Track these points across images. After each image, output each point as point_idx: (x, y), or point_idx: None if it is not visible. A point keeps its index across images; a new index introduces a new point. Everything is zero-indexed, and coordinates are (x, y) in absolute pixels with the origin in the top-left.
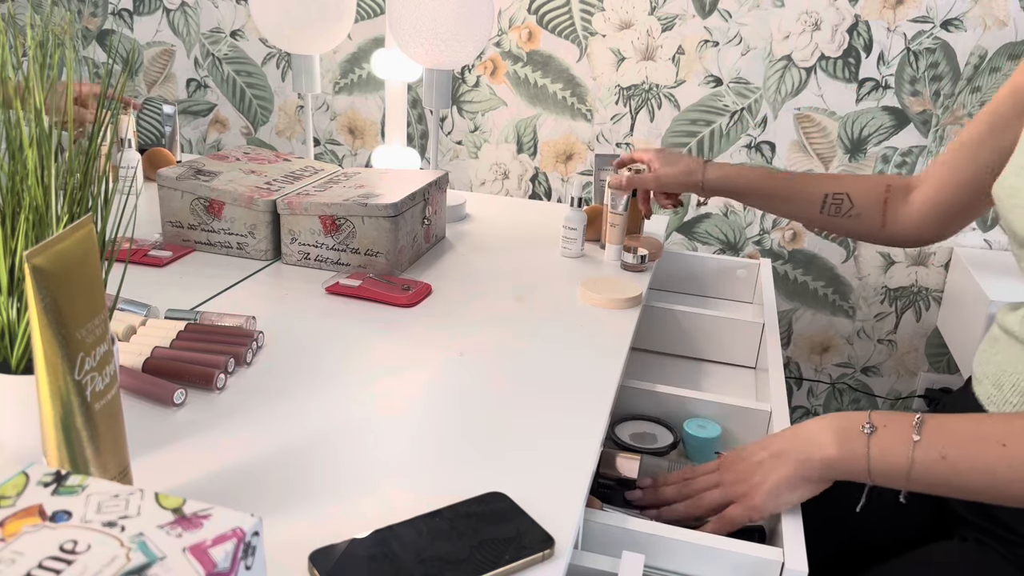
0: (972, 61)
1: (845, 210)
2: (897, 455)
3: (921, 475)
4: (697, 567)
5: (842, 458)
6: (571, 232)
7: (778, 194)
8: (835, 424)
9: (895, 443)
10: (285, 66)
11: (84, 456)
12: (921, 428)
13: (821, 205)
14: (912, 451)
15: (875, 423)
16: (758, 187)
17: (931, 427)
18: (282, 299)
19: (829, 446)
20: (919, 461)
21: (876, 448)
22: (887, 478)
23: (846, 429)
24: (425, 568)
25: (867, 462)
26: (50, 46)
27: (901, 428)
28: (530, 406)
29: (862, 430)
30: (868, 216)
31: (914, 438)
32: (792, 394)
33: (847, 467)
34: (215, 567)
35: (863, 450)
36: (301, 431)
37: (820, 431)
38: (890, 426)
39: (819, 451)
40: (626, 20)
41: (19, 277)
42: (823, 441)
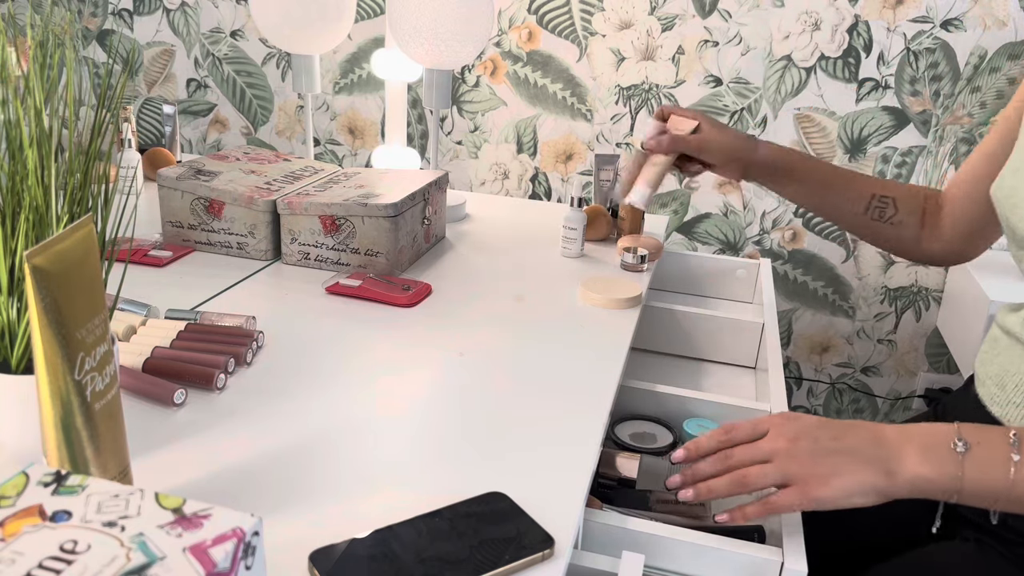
0: (972, 61)
1: (888, 215)
2: (995, 477)
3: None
4: (697, 567)
5: (932, 478)
6: (571, 232)
7: (829, 183)
8: (920, 440)
9: (993, 463)
10: (285, 66)
11: (84, 456)
12: (1020, 446)
13: (867, 205)
14: (1011, 472)
15: (968, 440)
16: (811, 171)
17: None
18: (282, 299)
19: (919, 464)
20: (1020, 483)
21: (971, 469)
22: (979, 499)
23: (935, 446)
24: (425, 568)
25: (959, 482)
26: (50, 46)
27: (998, 447)
28: (530, 406)
29: (953, 448)
30: (909, 226)
31: (1013, 457)
32: (792, 394)
33: (937, 487)
34: (215, 567)
35: (956, 471)
36: (301, 431)
37: (903, 444)
38: (984, 444)
39: (908, 468)
40: (626, 20)
41: (19, 277)
42: (908, 456)
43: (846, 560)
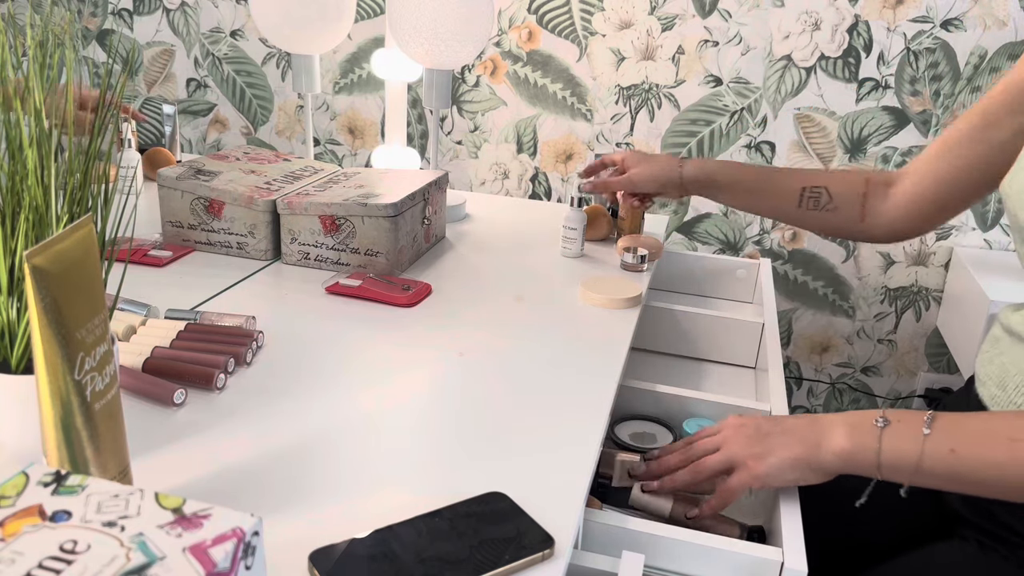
0: (972, 61)
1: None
2: (907, 448)
3: (930, 468)
4: (697, 567)
5: (853, 450)
6: (571, 232)
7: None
8: (849, 419)
9: (906, 437)
10: (285, 66)
11: (84, 456)
12: (932, 423)
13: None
14: (922, 444)
15: (888, 418)
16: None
17: (942, 422)
18: (282, 299)
19: (841, 438)
20: (928, 454)
21: (887, 441)
22: (896, 471)
23: (859, 424)
24: (425, 568)
25: (877, 455)
26: (50, 46)
27: (912, 423)
28: (530, 406)
29: (875, 423)
30: (846, 210)
31: (924, 432)
32: (792, 394)
33: (857, 460)
34: (215, 567)
35: (874, 443)
36: (301, 431)
37: (833, 424)
38: (903, 421)
39: (831, 442)
40: (626, 20)
41: (19, 277)
42: (836, 433)
43: (846, 561)
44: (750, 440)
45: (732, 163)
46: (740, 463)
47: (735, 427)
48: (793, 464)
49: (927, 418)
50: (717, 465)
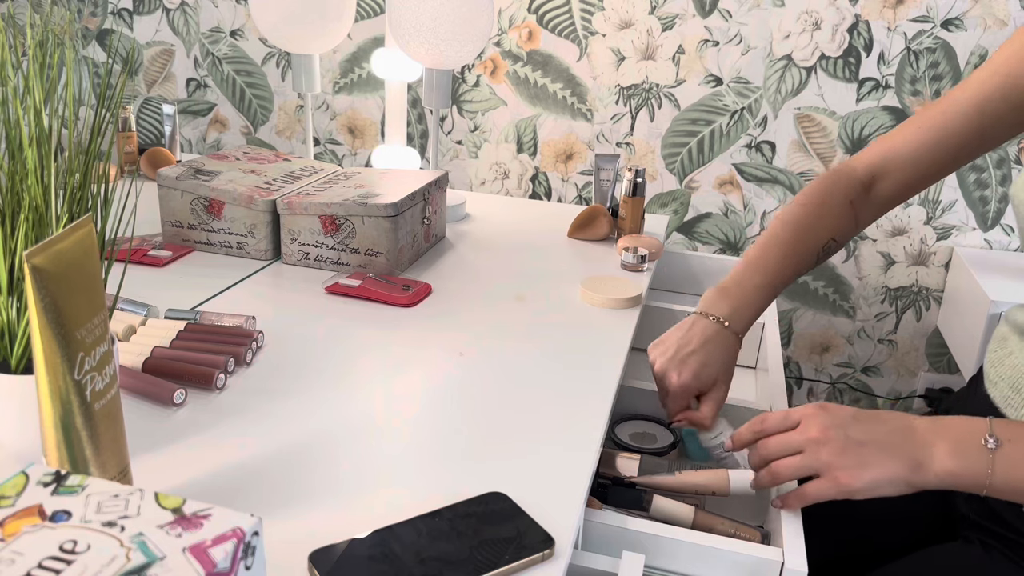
0: (972, 61)
1: (832, 250)
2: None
3: None
4: (697, 567)
5: (961, 473)
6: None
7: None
8: (952, 434)
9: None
10: (285, 66)
11: (84, 456)
12: None
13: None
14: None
15: (999, 436)
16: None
17: None
18: (282, 299)
19: (948, 458)
20: None
21: (1002, 464)
22: (1008, 494)
23: (966, 441)
24: (425, 568)
25: (989, 478)
26: (50, 46)
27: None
28: (530, 406)
29: (984, 444)
30: (847, 238)
31: None
32: (792, 394)
33: (964, 483)
34: (215, 567)
35: (986, 467)
36: (301, 431)
37: (934, 439)
38: (1016, 442)
39: (938, 462)
40: (626, 20)
41: (19, 277)
42: (939, 451)
43: (847, 561)
44: (842, 449)
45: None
46: (829, 473)
47: (821, 428)
48: (891, 482)
49: None
50: (799, 472)
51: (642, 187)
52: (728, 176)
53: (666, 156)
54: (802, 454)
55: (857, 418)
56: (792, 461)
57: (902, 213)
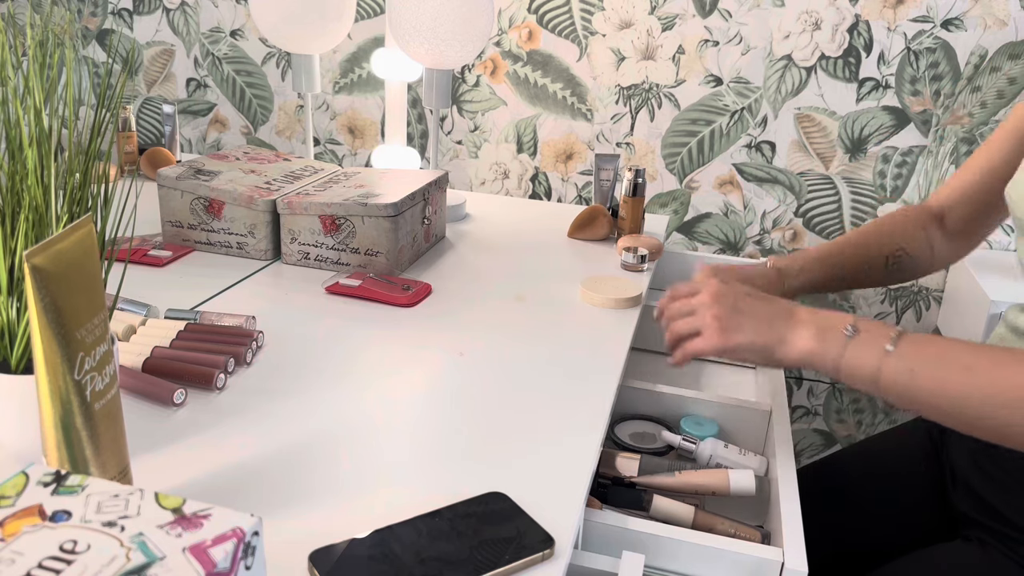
0: (972, 61)
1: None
2: (868, 361)
3: (886, 384)
4: (697, 567)
5: (815, 352)
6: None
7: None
8: (821, 321)
9: (870, 349)
10: (285, 66)
11: (84, 456)
12: (898, 341)
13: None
14: (882, 359)
15: (858, 327)
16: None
17: (906, 342)
18: (282, 299)
19: (808, 339)
20: (886, 371)
21: (850, 350)
22: (852, 379)
23: (829, 328)
24: (425, 568)
25: (839, 360)
26: (50, 46)
27: (878, 336)
28: (530, 406)
29: (844, 331)
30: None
31: (887, 348)
32: (792, 394)
33: (816, 362)
34: (215, 567)
35: (839, 350)
36: (301, 431)
37: (804, 322)
38: (871, 332)
39: (797, 339)
40: (626, 20)
41: (19, 277)
42: (803, 332)
43: (847, 561)
44: (723, 313)
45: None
46: (706, 331)
47: (713, 295)
48: (753, 348)
49: (894, 334)
50: (689, 328)
51: (642, 187)
52: (728, 176)
53: (666, 156)
54: (692, 317)
55: (749, 294)
56: (683, 322)
57: None
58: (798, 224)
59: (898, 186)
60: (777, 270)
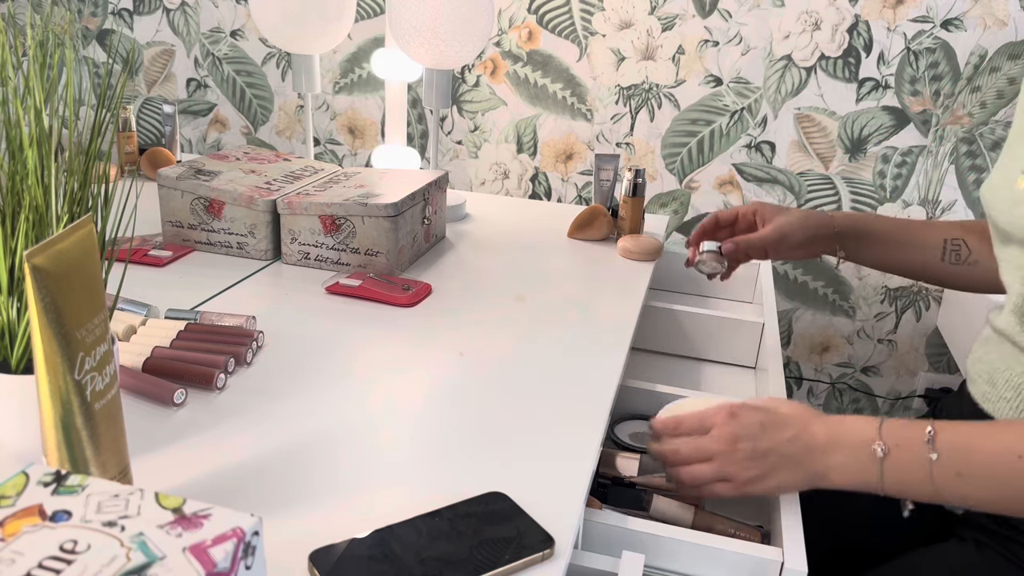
0: (972, 61)
1: (964, 257)
2: (913, 478)
3: (939, 495)
4: (697, 567)
5: (855, 482)
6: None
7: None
8: (845, 442)
9: (910, 465)
10: (285, 66)
11: (84, 456)
12: (935, 443)
13: (942, 251)
14: (928, 471)
15: (887, 444)
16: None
17: (946, 443)
18: (282, 299)
19: (845, 467)
20: (936, 482)
21: (890, 471)
22: (902, 495)
23: (858, 449)
24: (425, 568)
25: (881, 485)
26: (50, 46)
27: (914, 448)
28: (530, 406)
29: (874, 452)
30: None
31: (930, 457)
32: (792, 394)
33: (862, 488)
34: (215, 567)
35: (876, 476)
36: (301, 431)
37: (831, 450)
38: (903, 446)
39: (833, 472)
40: (626, 20)
41: (19, 277)
42: (835, 462)
43: (846, 561)
44: (748, 462)
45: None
46: (734, 480)
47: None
48: (792, 489)
49: (928, 437)
50: (710, 479)
51: (642, 187)
52: (728, 176)
53: (666, 156)
54: (711, 462)
55: (764, 426)
56: (704, 468)
57: (902, 213)
58: None
59: (898, 186)
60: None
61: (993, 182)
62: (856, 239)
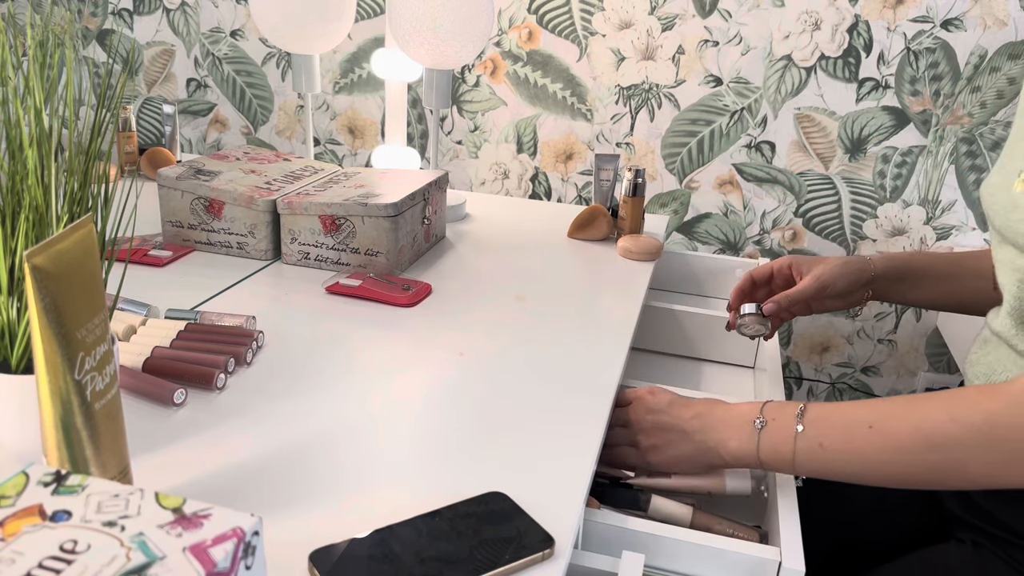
0: (972, 61)
1: None
2: (782, 448)
3: (803, 464)
4: (696, 567)
5: (739, 453)
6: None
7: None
8: (736, 418)
9: (781, 435)
10: (285, 66)
11: (84, 456)
12: (803, 418)
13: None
14: (794, 442)
15: (766, 417)
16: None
17: (811, 416)
18: (282, 299)
19: (731, 439)
20: (800, 451)
21: (765, 441)
22: (776, 467)
23: (743, 424)
24: (425, 568)
25: (757, 454)
26: (50, 46)
27: (786, 421)
28: (530, 406)
29: (755, 425)
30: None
31: (797, 428)
32: (792, 394)
33: (743, 461)
34: (215, 567)
35: (753, 447)
36: (301, 431)
37: (727, 421)
38: (778, 419)
39: (722, 444)
40: (626, 20)
41: (19, 277)
42: (727, 434)
43: (844, 562)
44: (652, 431)
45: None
46: (639, 447)
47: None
48: (687, 460)
49: (799, 412)
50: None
51: (642, 187)
52: (728, 176)
53: (666, 156)
54: (626, 429)
55: (672, 403)
56: (618, 431)
57: (902, 213)
58: (798, 224)
59: (898, 186)
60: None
61: (992, 183)
62: (898, 280)
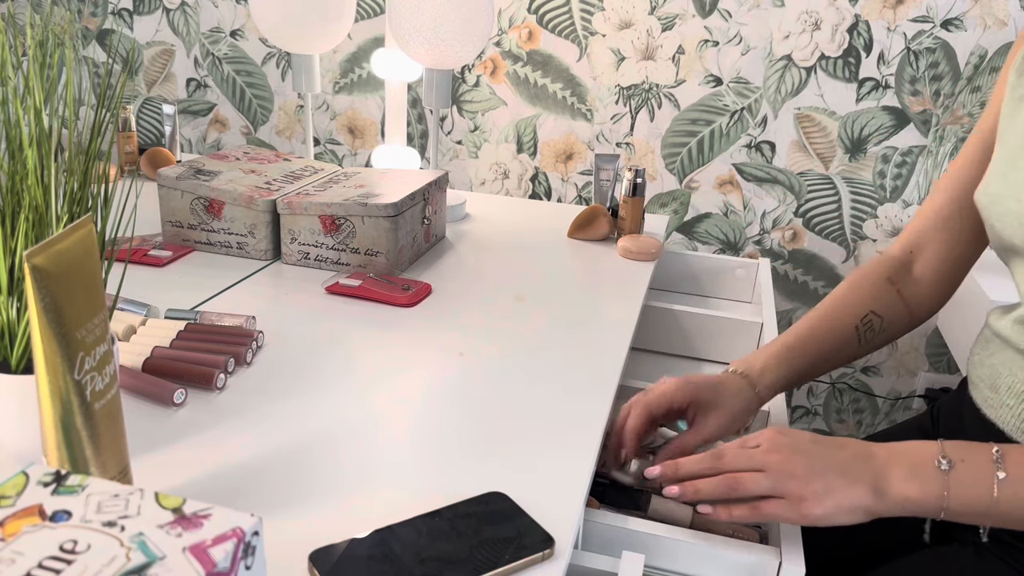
0: (972, 61)
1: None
2: (979, 493)
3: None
4: (696, 567)
5: (920, 498)
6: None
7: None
8: (908, 457)
9: (976, 481)
10: (285, 66)
11: (84, 456)
12: (1004, 463)
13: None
14: (994, 490)
15: (951, 458)
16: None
17: (1015, 461)
18: (282, 299)
19: (905, 482)
20: (1003, 500)
21: (956, 486)
22: (965, 516)
23: (920, 465)
24: (425, 568)
25: (946, 501)
26: (50, 46)
27: (981, 464)
28: (530, 406)
29: (938, 466)
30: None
31: (998, 475)
32: (792, 394)
33: (923, 506)
34: (215, 567)
35: (942, 489)
36: (301, 431)
37: (891, 463)
38: (968, 462)
39: (895, 487)
40: (626, 20)
41: (19, 277)
42: (897, 476)
43: (844, 563)
44: (807, 474)
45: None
46: (789, 495)
47: (784, 451)
48: (852, 510)
49: (996, 455)
50: (761, 490)
51: (642, 187)
52: (728, 176)
53: (666, 156)
54: (767, 473)
55: (819, 443)
56: (757, 477)
57: (901, 213)
58: (798, 224)
59: (898, 186)
60: (741, 375)
61: (991, 190)
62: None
